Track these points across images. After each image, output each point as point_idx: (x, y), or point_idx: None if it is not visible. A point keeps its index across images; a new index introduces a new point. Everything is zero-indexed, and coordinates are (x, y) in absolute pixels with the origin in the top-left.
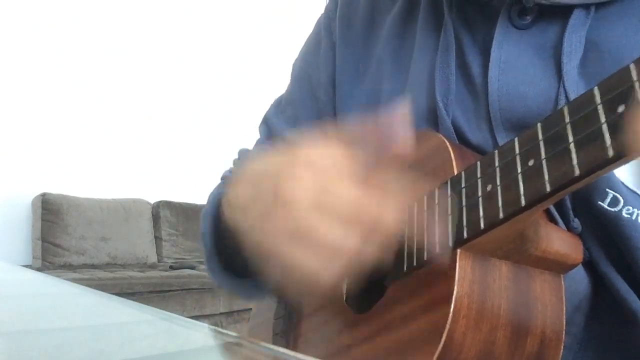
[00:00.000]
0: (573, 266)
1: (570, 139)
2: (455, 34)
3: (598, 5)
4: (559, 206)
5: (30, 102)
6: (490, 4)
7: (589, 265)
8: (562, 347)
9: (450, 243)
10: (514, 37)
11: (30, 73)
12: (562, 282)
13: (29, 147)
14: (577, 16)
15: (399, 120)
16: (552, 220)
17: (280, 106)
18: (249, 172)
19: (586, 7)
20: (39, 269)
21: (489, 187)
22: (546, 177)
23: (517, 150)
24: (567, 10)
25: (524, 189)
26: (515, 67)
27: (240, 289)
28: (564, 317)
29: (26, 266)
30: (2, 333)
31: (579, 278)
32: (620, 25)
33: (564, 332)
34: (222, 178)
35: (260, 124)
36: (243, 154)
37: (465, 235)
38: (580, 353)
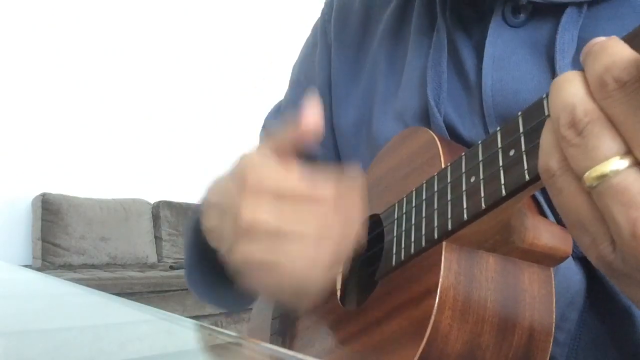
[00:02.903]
0: (563, 259)
1: None
2: (449, 33)
3: (590, 4)
4: (551, 201)
5: (30, 102)
6: (484, 3)
7: (583, 261)
8: (551, 340)
9: (436, 236)
10: (508, 35)
11: (30, 73)
12: (552, 275)
13: (29, 147)
14: (569, 14)
15: (309, 113)
16: (543, 215)
17: (279, 111)
18: (213, 202)
19: (579, 5)
20: (39, 269)
21: (472, 179)
22: (525, 167)
23: (499, 144)
24: (560, 9)
25: (504, 179)
26: (509, 63)
27: (221, 301)
28: (554, 309)
29: (26, 266)
30: (2, 333)
31: (572, 274)
32: (613, 23)
33: (553, 325)
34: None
35: (261, 129)
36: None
37: (449, 227)
38: (575, 349)
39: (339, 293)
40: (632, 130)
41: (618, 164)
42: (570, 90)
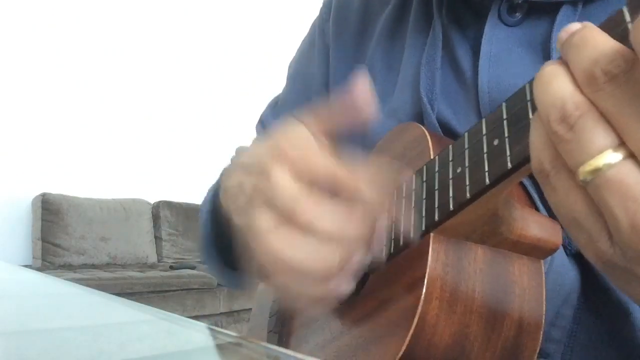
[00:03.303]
0: (552, 251)
1: (530, 115)
2: (445, 31)
3: (585, 2)
4: (541, 193)
5: (30, 102)
6: (480, 2)
7: (577, 258)
8: (541, 332)
9: (423, 227)
10: (504, 33)
11: (30, 73)
12: (542, 267)
13: (29, 147)
14: (564, 13)
15: (360, 91)
16: (535, 207)
17: (275, 107)
18: (238, 163)
19: (574, 3)
20: (39, 269)
21: (458, 170)
22: (508, 153)
23: (484, 131)
24: (555, 7)
25: (488, 167)
26: (505, 60)
27: (232, 279)
28: (544, 301)
29: (26, 266)
30: (2, 333)
31: (566, 271)
32: None
33: (543, 317)
34: (221, 175)
35: (257, 123)
36: (240, 151)
37: (436, 217)
38: (570, 346)
39: None
40: (625, 123)
41: (612, 157)
42: (558, 85)
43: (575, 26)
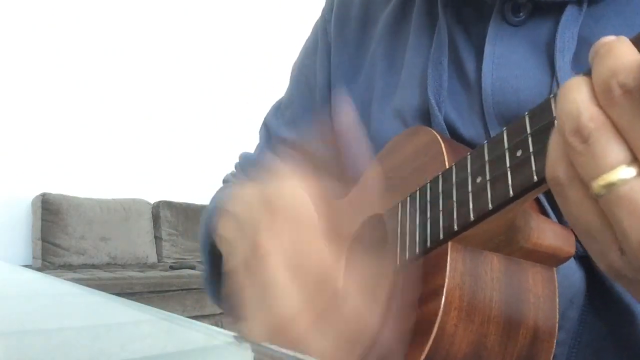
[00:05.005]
0: (566, 259)
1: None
2: (449, 32)
3: (590, 2)
4: (553, 201)
5: (30, 102)
6: (484, 1)
7: (583, 260)
8: (555, 340)
9: (442, 236)
10: (508, 34)
11: (30, 73)
12: (555, 275)
13: (29, 147)
14: (569, 13)
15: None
16: (545, 214)
17: (279, 109)
18: (235, 206)
19: (578, 3)
20: (39, 269)
21: (478, 180)
22: (533, 167)
23: (505, 142)
24: (560, 7)
25: (512, 179)
26: (509, 62)
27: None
28: (557, 309)
29: (26, 266)
30: (2, 333)
31: (572, 273)
32: (613, 22)
33: (557, 325)
34: (224, 181)
35: (261, 127)
36: (244, 158)
37: (455, 227)
38: (575, 348)
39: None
40: (638, 139)
41: (625, 172)
42: (576, 96)
43: (608, 38)
